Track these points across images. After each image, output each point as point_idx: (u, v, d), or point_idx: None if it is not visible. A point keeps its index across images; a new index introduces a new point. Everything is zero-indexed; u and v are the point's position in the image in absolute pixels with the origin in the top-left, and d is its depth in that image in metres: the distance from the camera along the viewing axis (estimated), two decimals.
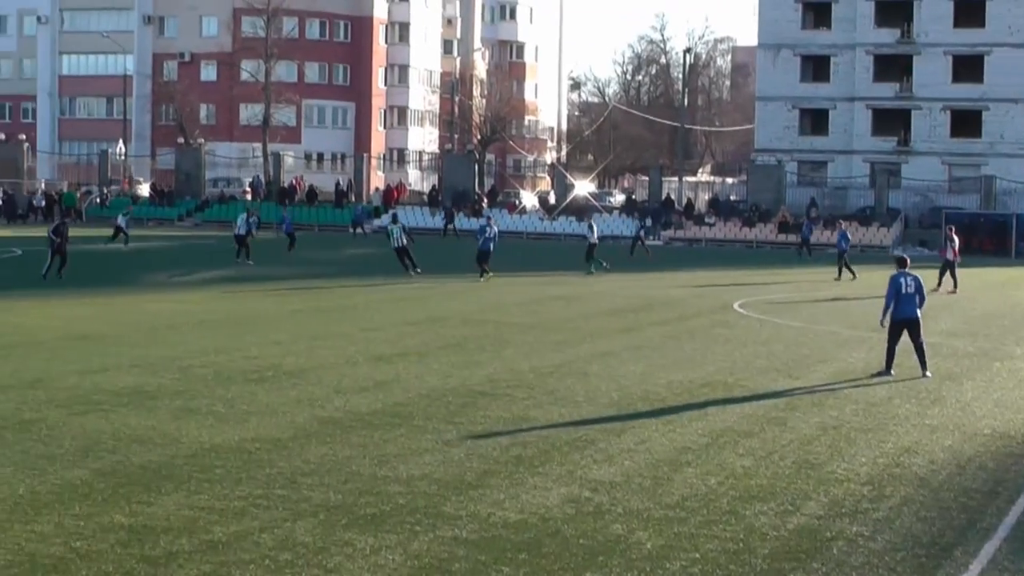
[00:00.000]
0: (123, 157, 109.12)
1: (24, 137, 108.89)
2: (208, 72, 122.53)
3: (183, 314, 32.52)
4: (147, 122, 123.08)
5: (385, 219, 73.46)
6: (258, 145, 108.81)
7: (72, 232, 44.94)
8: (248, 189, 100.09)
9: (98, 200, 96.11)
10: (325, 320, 32.15)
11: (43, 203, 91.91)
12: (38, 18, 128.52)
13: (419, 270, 47.26)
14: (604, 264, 53.65)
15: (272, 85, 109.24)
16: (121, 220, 61.68)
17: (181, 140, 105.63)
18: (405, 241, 48.32)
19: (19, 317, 30.82)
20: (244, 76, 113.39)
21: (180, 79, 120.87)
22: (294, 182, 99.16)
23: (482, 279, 46.35)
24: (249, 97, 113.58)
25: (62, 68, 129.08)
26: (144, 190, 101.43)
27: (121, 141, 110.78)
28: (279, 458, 15.82)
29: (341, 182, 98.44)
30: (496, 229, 49.73)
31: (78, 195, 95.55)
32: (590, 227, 56.96)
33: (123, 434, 17.00)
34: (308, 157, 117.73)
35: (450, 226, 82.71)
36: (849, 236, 55.16)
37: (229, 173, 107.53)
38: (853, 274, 51.47)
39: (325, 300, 38.16)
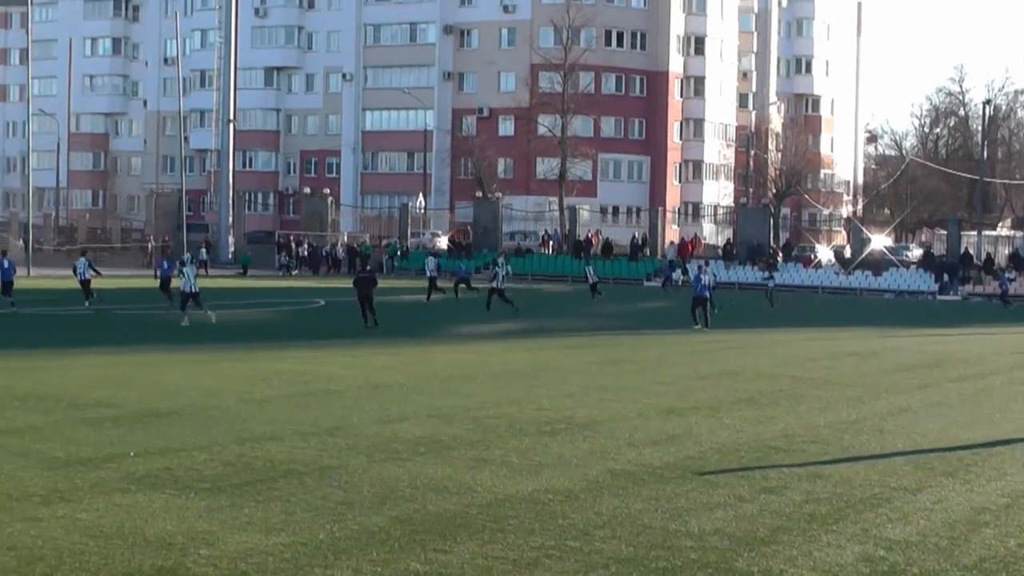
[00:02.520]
0: (423, 210, 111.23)
1: (328, 191, 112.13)
2: (506, 127, 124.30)
3: (477, 365, 32.89)
4: (446, 176, 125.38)
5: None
6: (554, 199, 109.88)
7: (381, 283, 46.06)
8: (543, 242, 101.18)
9: (399, 252, 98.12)
10: (617, 373, 32.17)
11: (344, 255, 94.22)
12: (343, 75, 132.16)
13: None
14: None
15: (568, 139, 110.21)
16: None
17: (479, 193, 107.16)
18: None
19: (321, 366, 31.54)
20: (541, 130, 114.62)
21: (478, 133, 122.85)
22: (589, 235, 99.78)
23: (696, 327, 46.66)
24: (546, 151, 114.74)
25: (365, 124, 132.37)
26: (442, 243, 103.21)
27: (421, 194, 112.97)
28: (571, 510, 15.85)
29: (636, 235, 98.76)
30: (710, 277, 49.67)
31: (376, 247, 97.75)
32: (680, 268, 61.71)
33: (420, 482, 17.23)
34: (604, 210, 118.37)
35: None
36: None
37: (525, 226, 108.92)
38: None
39: (618, 353, 38.18)
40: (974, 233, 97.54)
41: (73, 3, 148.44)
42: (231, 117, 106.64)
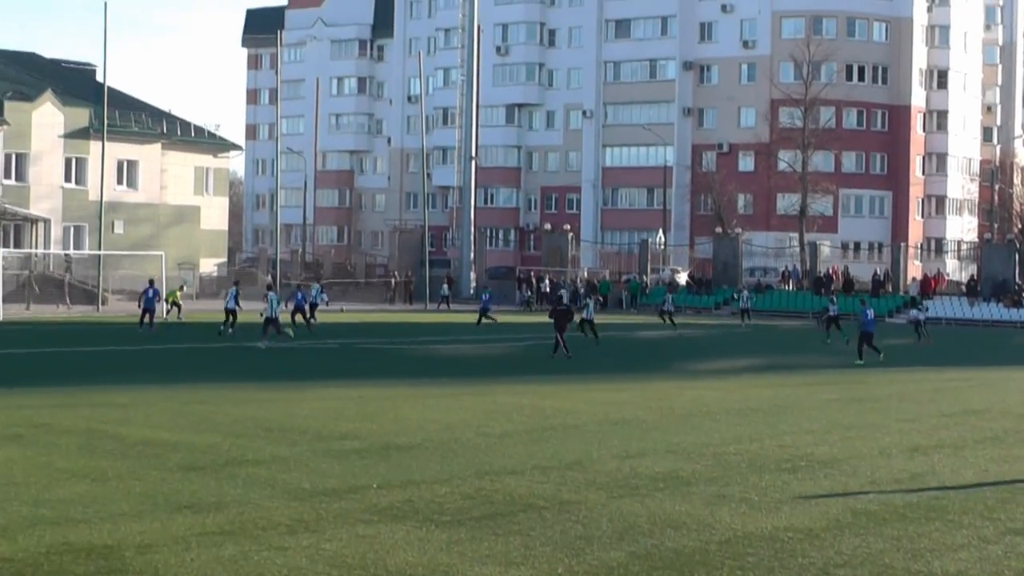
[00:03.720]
0: (662, 246, 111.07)
1: (568, 227, 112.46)
2: (746, 162, 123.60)
3: (717, 401, 32.71)
4: (686, 211, 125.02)
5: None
6: (794, 234, 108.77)
7: (620, 319, 46.13)
8: (783, 278, 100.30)
9: (640, 288, 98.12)
10: (859, 410, 31.70)
11: (583, 290, 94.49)
12: (583, 112, 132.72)
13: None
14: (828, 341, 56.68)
15: (809, 175, 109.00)
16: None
17: (719, 229, 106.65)
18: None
19: (560, 401, 31.65)
20: (781, 166, 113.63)
21: (718, 169, 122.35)
22: (830, 271, 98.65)
23: (860, 361, 46.85)
24: (786, 187, 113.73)
25: (605, 160, 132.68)
26: (682, 279, 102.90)
27: (661, 230, 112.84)
28: (811, 548, 15.65)
29: (878, 271, 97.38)
30: (873, 313, 50.42)
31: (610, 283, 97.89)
32: (832, 301, 62.70)
33: (658, 518, 17.17)
34: (844, 246, 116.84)
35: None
36: None
37: (765, 262, 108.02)
38: None
39: (859, 390, 37.63)
40: None
41: (320, 44, 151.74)
42: (473, 154, 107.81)
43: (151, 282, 60.32)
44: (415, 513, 17.07)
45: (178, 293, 67.85)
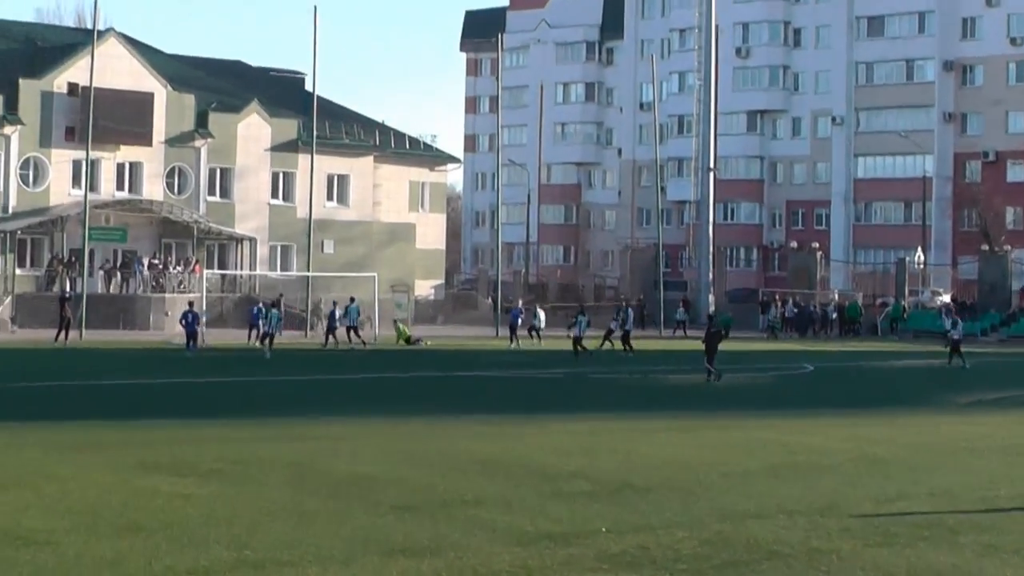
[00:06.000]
0: (921, 266, 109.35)
1: (817, 244, 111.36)
2: (1015, 172, 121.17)
3: (983, 437, 32.02)
4: (947, 227, 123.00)
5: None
6: None
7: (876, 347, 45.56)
8: None
9: (901, 312, 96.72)
10: None
11: (835, 315, 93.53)
12: (832, 119, 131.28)
13: None
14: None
15: None
16: None
17: (984, 247, 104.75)
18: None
19: (809, 436, 31.26)
20: None
21: (983, 180, 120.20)
22: None
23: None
24: None
25: (857, 171, 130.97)
26: (945, 299, 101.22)
27: (919, 248, 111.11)
28: None
29: None
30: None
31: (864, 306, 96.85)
32: (954, 323, 59.93)
33: (920, 571, 16.77)
34: None
35: None
36: None
37: None
38: None
39: None
40: None
41: (544, 48, 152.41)
42: (711, 165, 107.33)
43: (283, 302, 69.05)
44: (650, 561, 16.92)
45: (404, 328, 68.75)
